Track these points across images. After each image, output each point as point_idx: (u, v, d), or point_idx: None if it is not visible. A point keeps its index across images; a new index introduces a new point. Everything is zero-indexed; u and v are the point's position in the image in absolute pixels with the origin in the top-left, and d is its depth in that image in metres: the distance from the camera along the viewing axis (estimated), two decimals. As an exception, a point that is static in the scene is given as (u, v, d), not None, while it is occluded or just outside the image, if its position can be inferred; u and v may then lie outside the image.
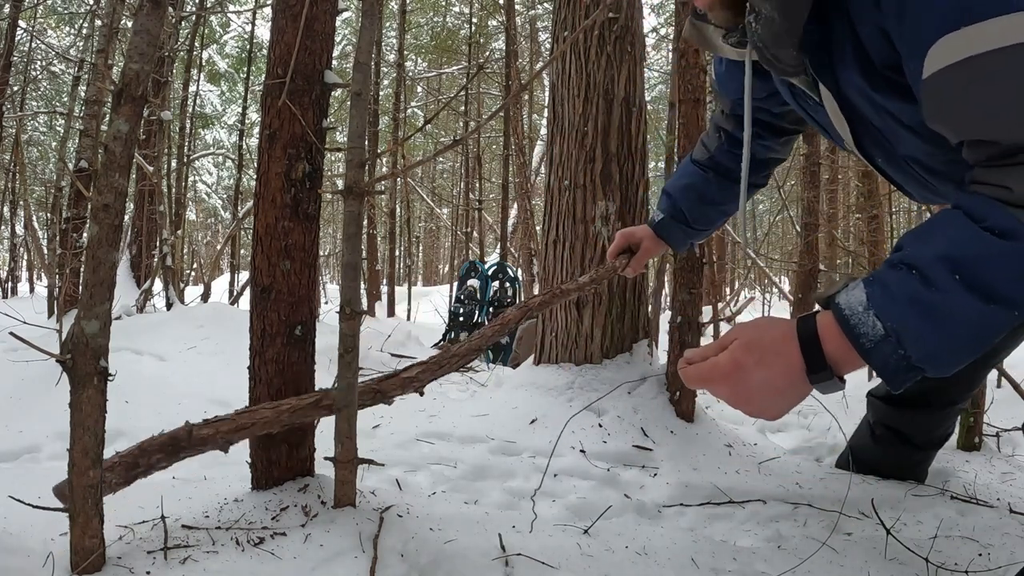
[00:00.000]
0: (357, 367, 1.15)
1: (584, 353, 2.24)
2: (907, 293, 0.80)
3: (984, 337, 0.81)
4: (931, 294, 0.79)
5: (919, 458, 1.71)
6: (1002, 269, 0.79)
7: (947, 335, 0.80)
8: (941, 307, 0.79)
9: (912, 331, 0.79)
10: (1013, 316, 0.79)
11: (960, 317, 0.79)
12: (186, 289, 6.44)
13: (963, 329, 0.80)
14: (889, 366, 0.80)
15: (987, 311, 0.79)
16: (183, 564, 1.02)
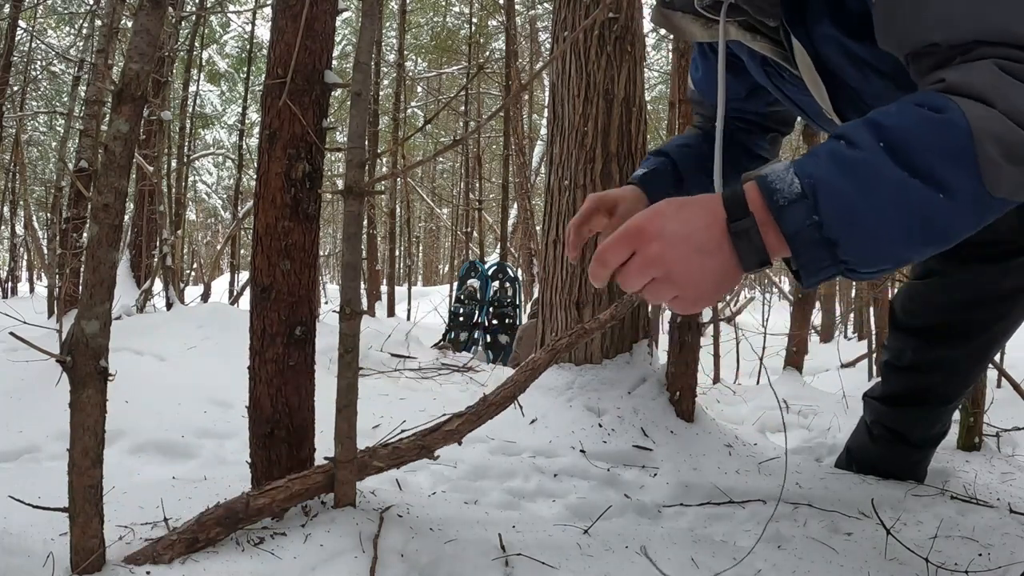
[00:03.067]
0: (357, 367, 1.15)
1: (584, 353, 2.24)
2: (829, 151, 0.77)
3: (903, 213, 0.75)
4: (853, 153, 0.76)
5: (917, 457, 1.71)
6: (926, 138, 0.75)
7: (863, 195, 0.74)
8: (861, 166, 0.75)
9: (827, 185, 0.75)
10: (935, 199, 0.74)
11: (879, 180, 0.74)
12: (186, 289, 6.44)
13: (881, 194, 0.74)
14: (801, 235, 0.74)
15: (908, 183, 0.74)
16: (183, 564, 1.02)
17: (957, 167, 0.74)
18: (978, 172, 0.73)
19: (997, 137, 0.73)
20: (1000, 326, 1.49)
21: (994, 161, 0.73)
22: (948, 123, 0.74)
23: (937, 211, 0.74)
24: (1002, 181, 0.74)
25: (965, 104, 0.75)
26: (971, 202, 0.75)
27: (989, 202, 0.75)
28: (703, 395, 2.41)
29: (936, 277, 1.52)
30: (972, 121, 0.74)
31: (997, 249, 1.41)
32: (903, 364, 1.61)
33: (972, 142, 0.73)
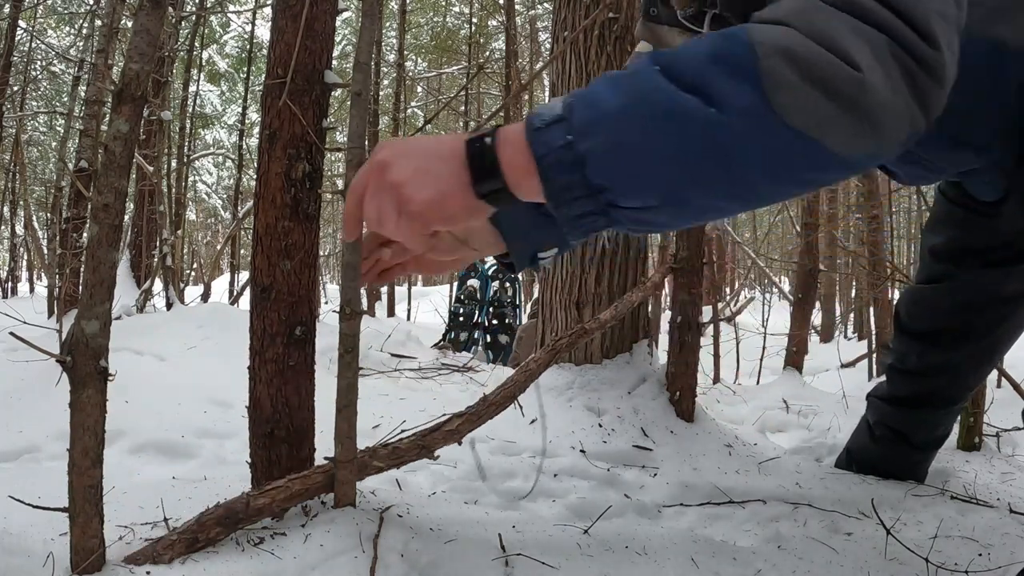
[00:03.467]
0: (357, 367, 1.15)
1: (584, 353, 2.24)
2: (604, 75, 0.69)
3: (668, 127, 0.65)
4: (624, 74, 0.69)
5: (918, 458, 1.71)
6: (702, 54, 0.66)
7: (624, 108, 0.65)
8: (628, 80, 0.67)
9: (585, 98, 0.67)
10: (706, 112, 0.64)
11: (644, 93, 0.66)
12: (186, 289, 6.44)
13: (644, 107, 0.65)
14: (549, 157, 0.65)
15: (677, 95, 0.65)
16: (183, 564, 1.02)
17: (734, 78, 0.64)
18: (760, 86, 0.63)
19: (786, 50, 0.64)
20: (1003, 329, 1.50)
21: (783, 77, 0.63)
22: (728, 35, 0.66)
23: (708, 125, 0.64)
24: (797, 104, 0.63)
25: (750, 25, 0.67)
26: (754, 123, 0.64)
27: (782, 131, 0.64)
28: (703, 395, 2.41)
29: (940, 282, 1.53)
30: (755, 35, 0.65)
31: (999, 255, 1.41)
32: (908, 367, 1.62)
33: (753, 55, 0.64)
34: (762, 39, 0.64)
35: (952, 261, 1.48)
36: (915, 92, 0.65)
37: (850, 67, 0.63)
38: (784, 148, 0.65)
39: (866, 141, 0.66)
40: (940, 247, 1.51)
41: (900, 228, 10.92)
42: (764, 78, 0.63)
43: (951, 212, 1.46)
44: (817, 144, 0.64)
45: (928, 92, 0.66)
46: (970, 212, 1.41)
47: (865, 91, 0.63)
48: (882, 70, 0.64)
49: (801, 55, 0.63)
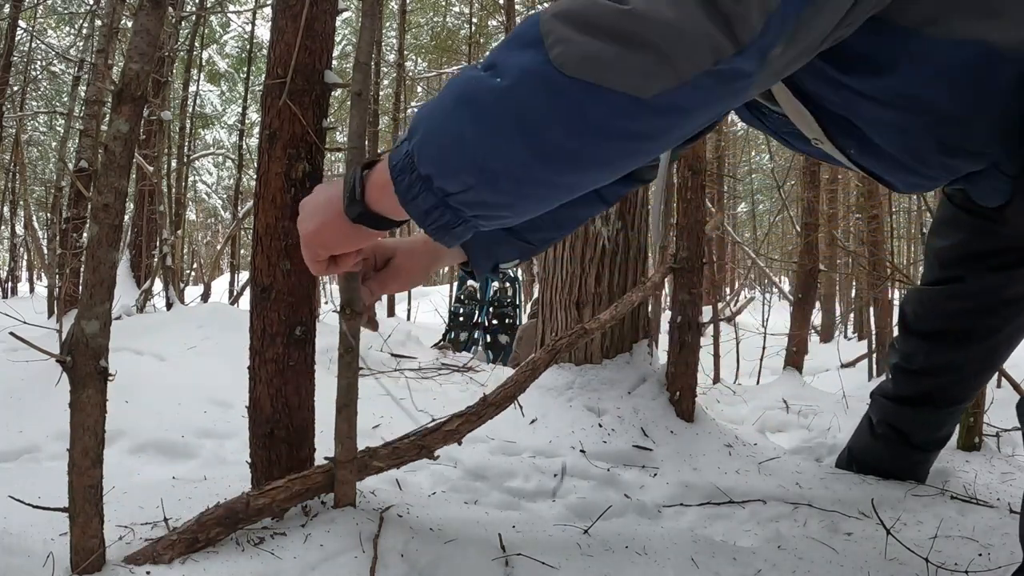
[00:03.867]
0: (357, 367, 1.15)
1: (584, 353, 2.24)
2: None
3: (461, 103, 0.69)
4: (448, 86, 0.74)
5: (919, 458, 1.71)
6: (507, 40, 0.70)
7: (437, 101, 0.71)
8: (450, 82, 0.73)
9: (423, 106, 0.75)
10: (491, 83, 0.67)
11: (452, 84, 0.71)
12: (186, 289, 6.44)
13: (448, 93, 0.71)
14: (397, 165, 0.73)
15: (473, 75, 0.69)
16: (183, 564, 1.02)
17: (520, 49, 0.67)
18: (541, 47, 0.65)
19: (561, 10, 0.66)
20: (1008, 331, 1.50)
21: (559, 33, 0.65)
22: (527, 18, 0.70)
23: (493, 93, 0.66)
24: (570, 52, 0.64)
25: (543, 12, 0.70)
26: (535, 81, 0.65)
27: (562, 83, 0.64)
28: (703, 395, 2.41)
29: (946, 284, 1.53)
30: (543, 11, 0.68)
31: (1003, 259, 1.41)
32: (914, 367, 1.62)
33: (536, 24, 0.67)
34: (546, 11, 0.67)
35: (957, 265, 1.49)
36: (714, 14, 0.63)
37: (617, 2, 0.63)
38: (573, 100, 0.65)
39: (657, 75, 0.64)
40: (945, 251, 1.52)
41: (900, 228, 10.91)
42: (544, 39, 0.65)
43: (956, 216, 1.47)
44: (601, 88, 0.64)
45: (731, 15, 0.64)
46: (975, 216, 1.41)
47: (635, 22, 0.62)
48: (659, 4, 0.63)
49: (572, 8, 0.65)
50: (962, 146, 1.09)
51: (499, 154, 0.68)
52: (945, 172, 1.21)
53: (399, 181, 0.73)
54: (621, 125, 0.67)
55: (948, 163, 1.14)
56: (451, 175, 0.70)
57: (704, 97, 0.68)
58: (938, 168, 1.16)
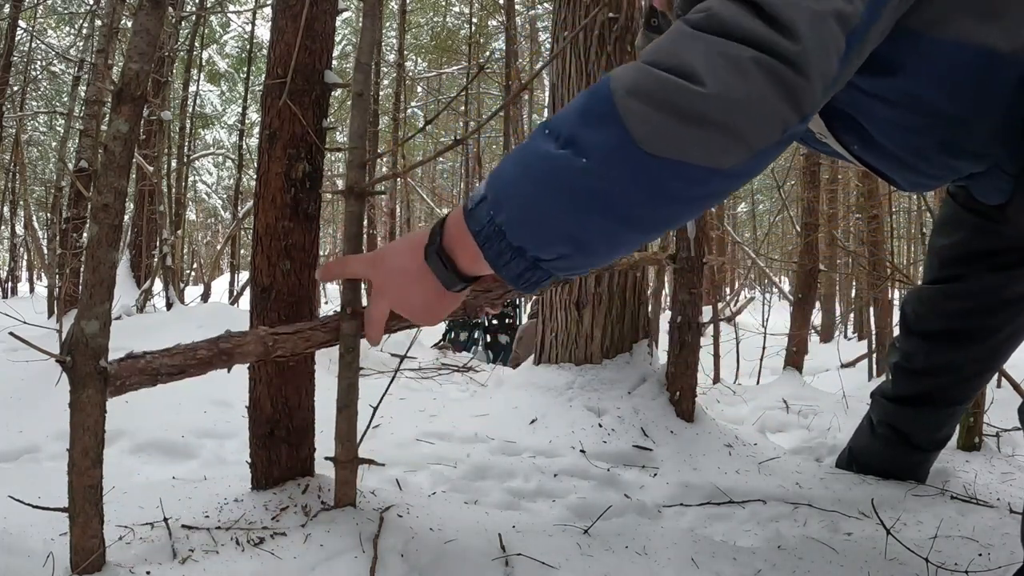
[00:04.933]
0: (358, 367, 1.15)
1: (584, 353, 2.24)
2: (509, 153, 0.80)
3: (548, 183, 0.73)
4: (522, 143, 0.78)
5: (919, 459, 1.71)
6: (574, 110, 0.75)
7: (518, 176, 0.76)
8: (522, 150, 0.77)
9: (495, 176, 0.78)
10: (577, 163, 0.71)
11: (531, 158, 0.75)
12: (186, 289, 6.44)
13: (531, 170, 0.75)
14: (483, 232, 0.77)
15: (554, 154, 0.73)
16: (183, 564, 1.02)
17: (599, 126, 0.71)
18: (622, 126, 0.69)
19: (635, 86, 0.70)
20: (1009, 331, 1.50)
21: (637, 111, 0.69)
22: (594, 90, 0.74)
23: (575, 178, 0.71)
24: (653, 132, 0.69)
25: (616, 70, 0.74)
26: (621, 165, 0.70)
27: (646, 161, 0.69)
28: (703, 395, 2.41)
29: (947, 283, 1.53)
30: (613, 82, 0.72)
31: (1005, 258, 1.41)
32: (915, 367, 1.62)
33: (611, 100, 0.71)
34: (617, 84, 0.71)
35: (959, 264, 1.49)
36: (782, 91, 0.69)
37: (693, 84, 0.68)
38: (656, 175, 0.70)
39: (733, 151, 0.70)
40: (948, 249, 1.52)
41: (900, 228, 10.90)
42: (624, 118, 0.69)
43: (959, 215, 1.47)
44: (683, 163, 0.69)
45: (797, 88, 0.70)
46: (976, 215, 1.41)
47: (711, 104, 0.68)
48: (735, 78, 0.68)
49: (646, 86, 0.70)
50: (964, 147, 1.09)
51: (590, 227, 0.74)
52: (948, 172, 1.21)
53: (488, 248, 0.77)
54: (699, 191, 0.73)
55: (951, 163, 1.15)
56: (545, 247, 0.75)
57: (769, 158, 0.75)
58: (940, 168, 1.17)
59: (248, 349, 1.05)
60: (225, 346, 1.03)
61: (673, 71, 0.69)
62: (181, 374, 0.99)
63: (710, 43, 0.70)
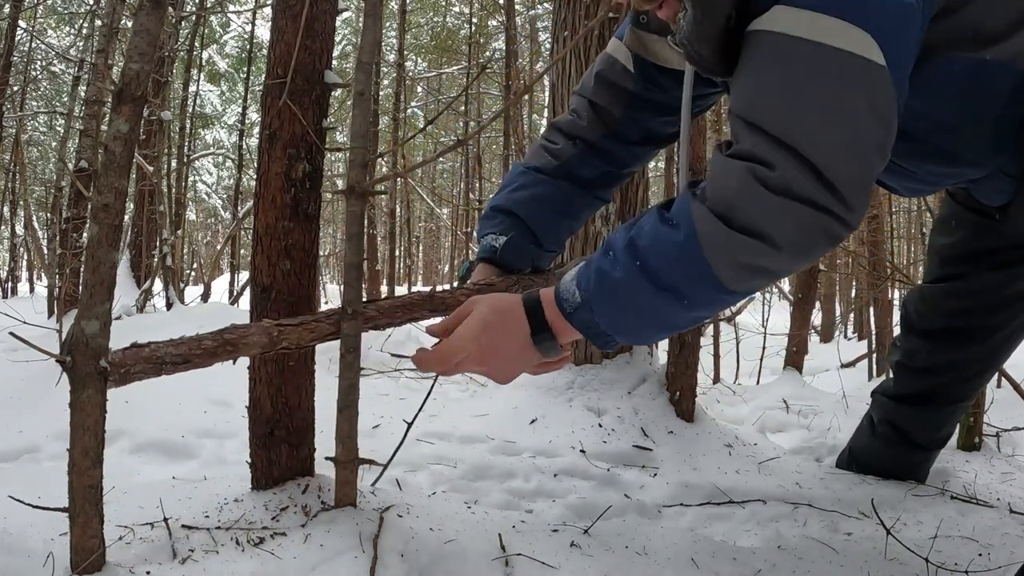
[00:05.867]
0: (359, 367, 1.15)
1: (584, 353, 2.23)
2: (600, 270, 0.94)
3: (660, 319, 0.94)
4: (615, 273, 0.92)
5: (919, 459, 1.71)
6: (669, 262, 0.90)
7: (625, 311, 0.93)
8: (622, 286, 0.92)
9: (598, 302, 0.94)
10: (679, 305, 0.91)
11: (636, 297, 0.92)
12: (186, 289, 6.44)
13: (639, 308, 0.93)
14: (589, 330, 0.96)
15: (658, 296, 0.90)
16: (183, 564, 1.02)
17: (698, 282, 0.89)
18: (718, 282, 0.88)
19: (726, 253, 0.87)
20: (1010, 329, 1.50)
21: (729, 272, 0.88)
22: (684, 247, 0.88)
23: (679, 314, 0.93)
24: (739, 281, 0.89)
25: (700, 217, 0.88)
26: (710, 302, 0.92)
27: (729, 296, 0.91)
28: (703, 395, 2.41)
29: (948, 282, 1.53)
30: (700, 238, 0.87)
31: (1006, 257, 1.41)
32: (916, 365, 1.62)
33: (706, 263, 0.88)
34: (707, 243, 0.87)
35: (960, 263, 1.49)
36: (831, 240, 0.89)
37: (772, 248, 0.86)
38: (735, 298, 0.94)
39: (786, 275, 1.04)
40: (948, 248, 1.51)
41: (900, 228, 10.90)
42: (717, 275, 0.88)
43: (959, 214, 1.47)
44: (756, 290, 0.95)
45: (841, 236, 0.89)
46: (977, 214, 1.41)
47: (789, 262, 0.89)
48: (804, 240, 0.87)
49: (735, 254, 0.87)
50: (959, 155, 1.10)
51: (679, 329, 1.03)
52: (944, 178, 1.21)
53: (595, 339, 0.97)
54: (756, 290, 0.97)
55: (947, 171, 1.15)
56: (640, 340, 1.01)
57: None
58: (937, 175, 1.17)
59: (253, 340, 1.04)
60: (230, 337, 1.03)
61: (749, 233, 0.85)
62: (186, 364, 0.99)
63: (781, 209, 0.85)
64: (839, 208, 0.85)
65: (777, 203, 0.84)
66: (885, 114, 0.87)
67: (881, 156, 0.88)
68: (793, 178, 0.84)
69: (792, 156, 0.84)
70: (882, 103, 0.86)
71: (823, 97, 0.85)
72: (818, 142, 0.84)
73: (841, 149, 0.85)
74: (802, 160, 0.84)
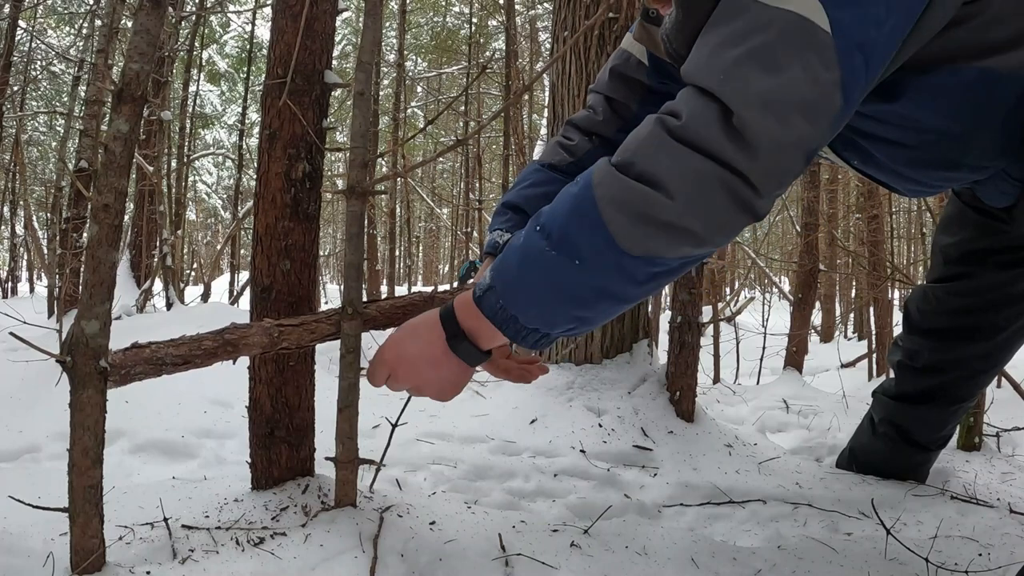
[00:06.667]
0: (359, 367, 1.15)
1: (584, 353, 2.24)
2: (508, 246, 0.90)
3: (557, 287, 0.86)
4: (515, 242, 0.89)
5: (920, 459, 1.71)
6: (562, 213, 0.85)
7: (523, 281, 0.87)
8: (520, 252, 0.88)
9: (501, 277, 0.88)
10: (571, 265, 0.83)
11: (532, 261, 0.86)
12: (186, 289, 6.44)
13: (537, 274, 0.86)
14: (496, 316, 0.89)
15: (546, 255, 0.84)
16: (183, 564, 1.03)
17: (589, 231, 0.82)
18: (607, 232, 0.81)
19: (615, 199, 0.81)
20: (1014, 329, 1.50)
21: (619, 222, 0.81)
22: (579, 195, 0.84)
23: (573, 276, 0.84)
24: (634, 238, 0.82)
25: (598, 170, 0.84)
26: (610, 265, 0.83)
27: (632, 262, 0.83)
28: (703, 395, 2.41)
29: (951, 282, 1.53)
30: (596, 187, 0.83)
31: (1010, 257, 1.41)
32: (918, 365, 1.62)
33: (596, 208, 0.82)
34: (600, 192, 0.82)
35: (963, 262, 1.49)
36: (738, 203, 0.81)
37: (662, 196, 0.80)
38: (638, 267, 0.84)
39: (698, 246, 0.84)
40: (952, 248, 1.51)
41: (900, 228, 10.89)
42: (608, 227, 0.81)
43: (964, 213, 1.46)
44: (660, 258, 0.84)
45: (751, 202, 0.82)
46: (981, 214, 1.41)
47: (678, 214, 0.80)
48: (698, 193, 0.80)
49: (624, 197, 0.81)
50: (963, 161, 1.10)
51: (590, 311, 0.88)
52: (948, 182, 1.21)
53: (505, 329, 0.90)
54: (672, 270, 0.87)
55: (950, 175, 1.15)
56: (552, 326, 0.89)
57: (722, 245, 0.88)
58: (941, 179, 1.17)
59: (253, 340, 1.05)
60: (230, 337, 1.03)
61: (644, 180, 0.80)
62: (186, 364, 1.00)
63: (679, 156, 0.80)
64: (746, 166, 0.79)
65: (675, 149, 0.80)
66: (820, 79, 0.80)
67: (809, 123, 0.81)
68: (700, 126, 0.80)
69: (706, 102, 0.80)
70: (817, 67, 0.80)
71: (755, 51, 0.81)
72: (738, 90, 0.79)
73: (761, 100, 0.79)
74: (716, 106, 0.79)
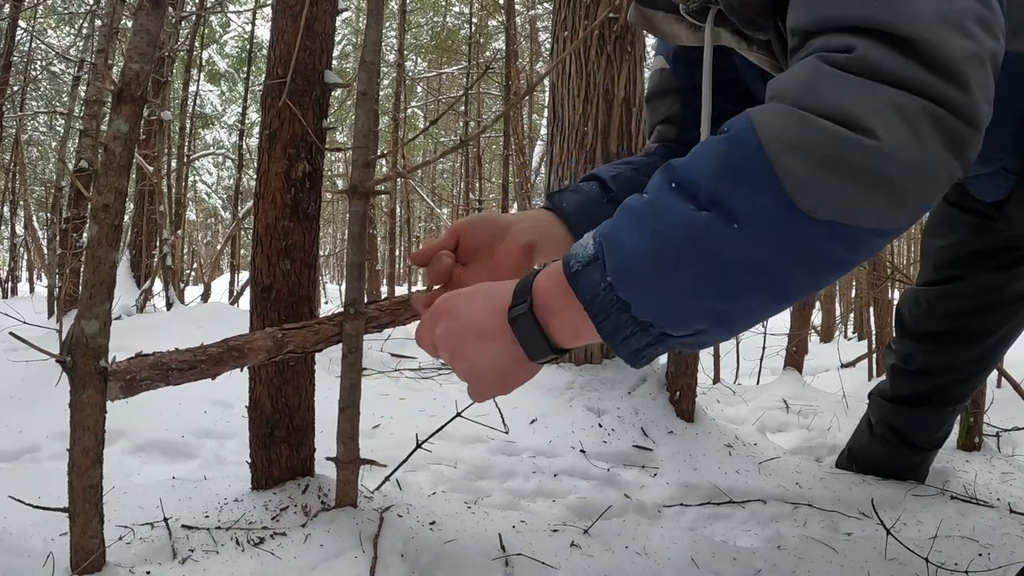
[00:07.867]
0: (360, 367, 1.15)
1: (584, 353, 2.24)
2: (624, 206, 0.66)
3: (690, 254, 0.61)
4: (641, 199, 0.65)
5: (919, 459, 1.71)
6: (712, 164, 0.62)
7: (646, 244, 0.62)
8: (646, 209, 0.64)
9: (612, 240, 0.64)
10: (727, 230, 0.60)
11: (662, 222, 0.62)
12: (186, 289, 6.44)
13: (665, 237, 0.62)
14: (597, 301, 0.64)
15: (694, 217, 0.61)
16: (183, 564, 1.03)
17: (753, 189, 0.59)
18: (781, 189, 0.58)
19: (795, 142, 0.59)
20: (1005, 330, 1.50)
21: (801, 173, 0.58)
22: (733, 140, 0.61)
23: (724, 246, 0.60)
24: (821, 196, 0.58)
25: (757, 113, 0.62)
26: (782, 229, 0.59)
27: (809, 227, 0.59)
28: (703, 395, 2.41)
29: (942, 285, 1.53)
30: (762, 132, 0.60)
31: (1001, 259, 1.41)
32: (912, 368, 1.62)
33: (765, 158, 0.59)
34: (768, 135, 0.60)
35: (956, 265, 1.49)
36: (950, 142, 0.60)
37: (865, 137, 0.58)
38: (819, 242, 0.60)
39: (904, 211, 0.61)
40: (944, 251, 1.51)
41: (900, 228, 10.89)
42: (783, 180, 0.58)
43: (952, 215, 1.46)
44: (850, 227, 0.60)
45: (964, 139, 0.61)
46: (972, 214, 1.40)
47: (887, 160, 0.58)
48: (907, 129, 0.58)
49: (811, 143, 0.58)
50: None
51: (739, 302, 0.63)
52: None
53: (604, 321, 0.65)
54: (858, 256, 0.64)
55: None
56: (680, 324, 0.64)
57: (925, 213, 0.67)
58: None
59: (258, 345, 1.05)
60: (235, 343, 1.03)
61: (836, 119, 0.58)
62: (192, 371, 0.99)
63: (875, 89, 0.59)
64: (949, 88, 0.59)
65: (861, 83, 0.59)
66: None
67: (989, 34, 0.63)
68: (880, 57, 0.59)
69: (875, 36, 0.61)
70: None
71: None
72: (905, 12, 0.60)
73: (936, 17, 0.60)
74: (890, 38, 0.60)
